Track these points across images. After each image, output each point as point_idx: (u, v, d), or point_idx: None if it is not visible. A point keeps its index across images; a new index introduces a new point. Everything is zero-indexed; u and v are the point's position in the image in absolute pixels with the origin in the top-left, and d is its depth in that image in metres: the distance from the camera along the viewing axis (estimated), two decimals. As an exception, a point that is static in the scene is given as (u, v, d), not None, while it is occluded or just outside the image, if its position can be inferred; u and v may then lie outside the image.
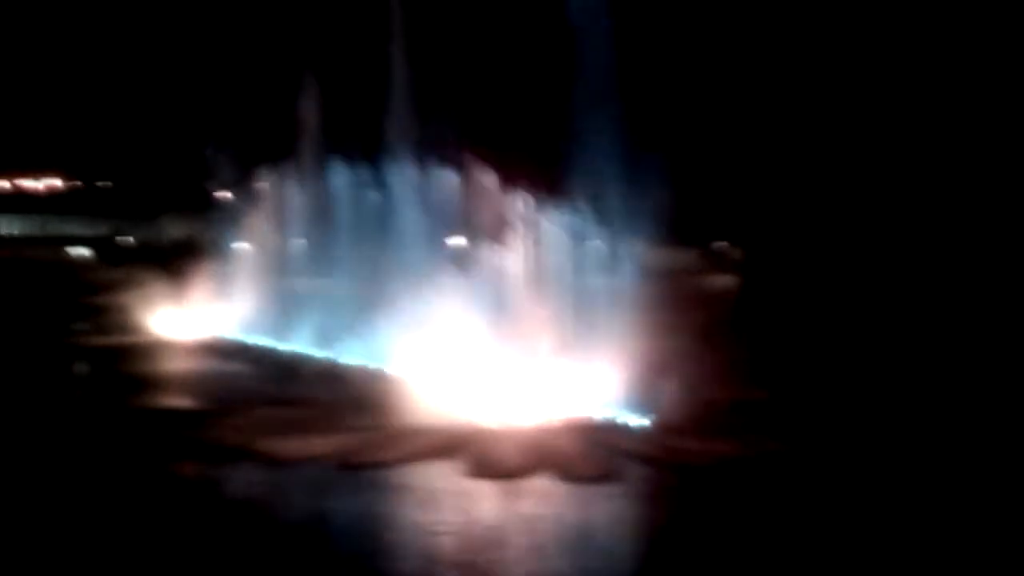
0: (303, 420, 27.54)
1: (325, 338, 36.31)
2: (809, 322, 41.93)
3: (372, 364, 32.76)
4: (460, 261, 33.22)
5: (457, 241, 36.37)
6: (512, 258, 35.57)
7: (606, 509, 21.64)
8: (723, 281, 55.88)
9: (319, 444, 25.33)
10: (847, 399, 28.87)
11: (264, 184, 47.94)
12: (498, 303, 30.82)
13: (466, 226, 34.97)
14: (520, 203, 34.71)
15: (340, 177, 40.31)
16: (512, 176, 35.67)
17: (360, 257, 37.79)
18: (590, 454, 24.57)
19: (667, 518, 21.27)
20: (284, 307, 40.38)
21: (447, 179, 36.26)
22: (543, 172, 37.81)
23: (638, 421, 26.65)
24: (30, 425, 27.87)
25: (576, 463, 23.81)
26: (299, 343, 37.60)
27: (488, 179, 35.71)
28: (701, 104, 55.75)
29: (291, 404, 29.52)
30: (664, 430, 26.10)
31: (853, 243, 48.48)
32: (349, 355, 34.18)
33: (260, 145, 50.23)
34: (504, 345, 29.70)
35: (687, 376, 27.65)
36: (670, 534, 20.25)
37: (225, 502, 22.10)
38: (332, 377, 32.71)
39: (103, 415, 29.47)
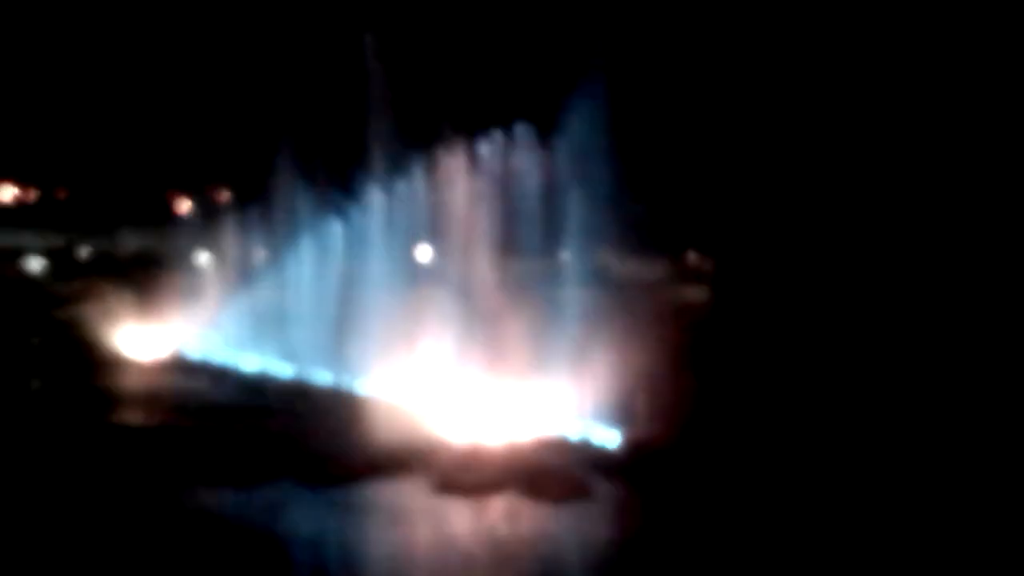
0: (264, 437, 26.72)
1: (291, 355, 35.53)
2: (784, 338, 41.59)
3: (338, 381, 31.99)
4: (429, 275, 32.56)
5: (425, 254, 35.68)
6: (480, 272, 35.06)
7: (573, 527, 21.33)
8: (695, 293, 55.67)
9: (280, 461, 24.54)
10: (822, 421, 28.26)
11: (228, 195, 47.26)
12: (467, 318, 30.21)
13: (434, 238, 34.25)
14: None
15: (307, 192, 39.43)
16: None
17: (327, 271, 37.12)
18: (560, 471, 24.12)
19: (636, 536, 21.00)
20: (248, 322, 39.55)
21: (414, 191, 35.54)
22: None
23: (609, 438, 26.03)
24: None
25: (545, 480, 23.36)
26: (264, 360, 36.76)
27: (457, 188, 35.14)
28: (672, 108, 55.52)
29: (252, 421, 28.70)
30: (635, 448, 25.54)
31: (833, 251, 48.19)
32: (315, 372, 33.41)
33: (224, 155, 49.46)
34: (473, 360, 29.07)
35: (658, 394, 27.08)
36: (637, 552, 20.00)
37: (182, 520, 21.34)
38: (296, 394, 31.96)
39: (56, 431, 28.48)
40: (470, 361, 28.91)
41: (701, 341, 42.46)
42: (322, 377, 32.74)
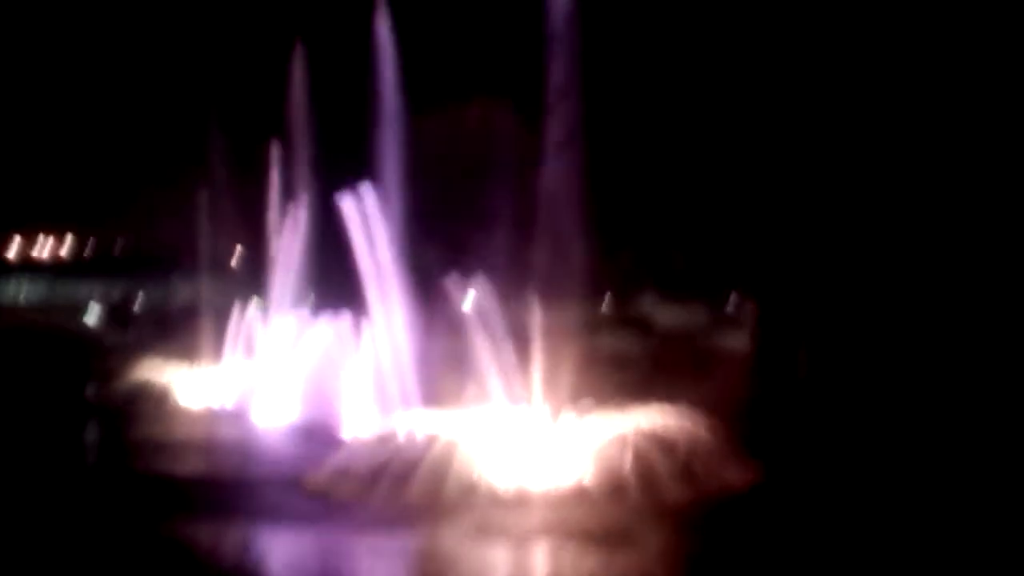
0: (306, 483, 27.23)
1: (336, 406, 36.01)
2: (831, 385, 41.49)
3: (380, 426, 32.45)
4: (475, 320, 32.98)
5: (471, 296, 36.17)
6: (529, 315, 35.48)
7: (617, 573, 21.27)
8: (736, 339, 55.63)
9: (319, 507, 24.98)
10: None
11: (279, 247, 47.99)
12: (511, 363, 30.59)
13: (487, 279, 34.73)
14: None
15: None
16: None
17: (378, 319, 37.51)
18: (608, 517, 24.24)
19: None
20: (295, 373, 40.13)
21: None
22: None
23: (650, 481, 26.22)
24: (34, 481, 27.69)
25: (591, 525, 23.50)
26: (308, 409, 37.36)
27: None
28: (706, 150, 55.82)
29: (298, 469, 29.20)
30: (687, 495, 25.65)
31: (880, 292, 48.00)
32: (369, 420, 33.84)
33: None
34: (516, 404, 29.43)
35: (697, 445, 27.16)
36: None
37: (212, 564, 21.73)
38: (348, 443, 32.33)
39: (105, 478, 29.22)
40: (518, 404, 29.22)
41: (745, 390, 42.57)
42: (372, 420, 33.15)
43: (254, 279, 50.92)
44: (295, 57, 50.13)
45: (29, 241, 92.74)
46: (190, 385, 44.59)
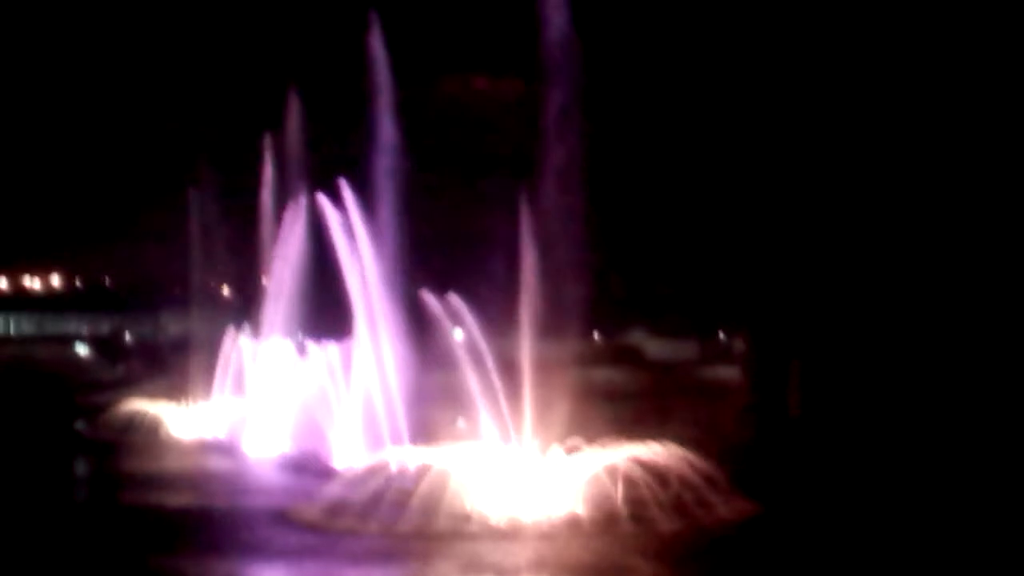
0: (297, 516, 27.21)
1: (327, 438, 36.01)
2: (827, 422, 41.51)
3: (372, 459, 32.45)
4: (466, 353, 33.02)
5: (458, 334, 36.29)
6: (519, 350, 35.55)
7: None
8: (726, 373, 55.74)
9: (316, 540, 24.92)
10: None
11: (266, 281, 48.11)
12: (502, 395, 30.64)
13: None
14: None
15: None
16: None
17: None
18: (598, 551, 24.24)
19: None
20: (286, 404, 40.11)
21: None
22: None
23: (639, 516, 26.25)
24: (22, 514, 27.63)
25: (582, 558, 23.50)
26: (299, 442, 37.31)
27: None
28: (699, 184, 56.08)
29: (289, 502, 29.18)
30: (679, 530, 25.68)
31: (870, 327, 48.10)
32: (354, 452, 33.86)
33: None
34: (504, 437, 29.46)
35: (688, 479, 27.20)
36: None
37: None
38: (340, 475, 32.31)
39: (94, 511, 29.22)
40: (508, 436, 29.26)
41: (739, 423, 42.60)
42: (364, 452, 33.14)
43: (245, 310, 50.97)
44: (289, 102, 50.71)
45: (19, 275, 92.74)
46: (181, 417, 44.58)
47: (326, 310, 40.95)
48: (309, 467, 34.18)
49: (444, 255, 42.13)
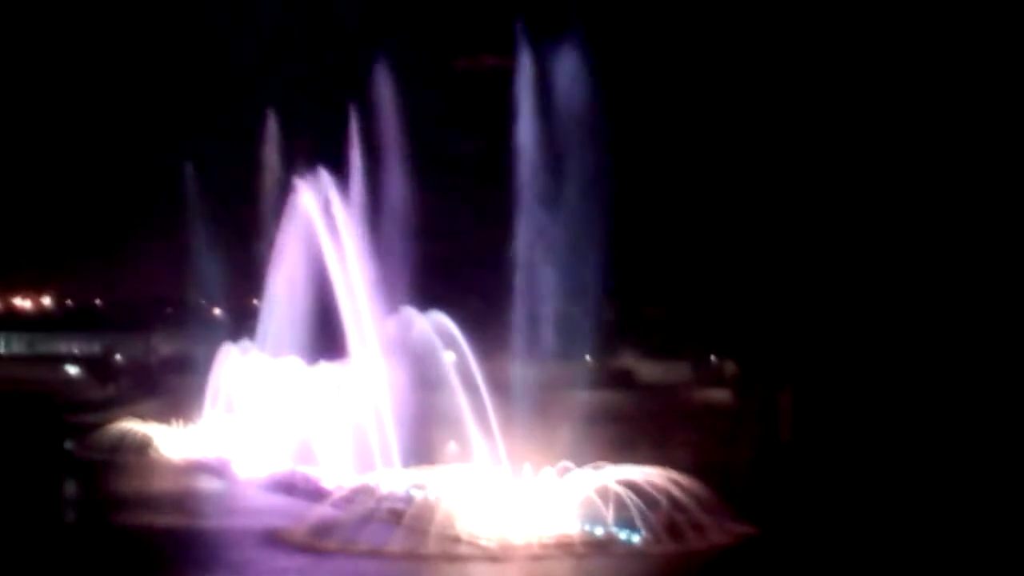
0: (287, 537, 27.13)
1: (322, 457, 35.88)
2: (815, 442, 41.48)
3: (362, 480, 32.36)
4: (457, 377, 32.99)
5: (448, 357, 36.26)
6: (506, 372, 35.55)
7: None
8: (717, 396, 55.72)
9: (304, 561, 24.85)
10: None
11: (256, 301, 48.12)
12: (488, 417, 30.62)
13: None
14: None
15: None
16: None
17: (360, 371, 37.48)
18: (585, 573, 24.18)
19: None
20: (276, 425, 39.98)
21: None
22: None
23: (630, 539, 26.20)
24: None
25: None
26: (290, 462, 37.15)
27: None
28: (693, 210, 56.19)
29: (280, 522, 29.06)
30: (657, 548, 25.66)
31: (859, 352, 48.13)
32: (344, 473, 33.71)
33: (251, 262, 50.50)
34: (496, 459, 29.42)
35: (680, 500, 27.15)
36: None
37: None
38: (329, 495, 32.19)
39: (82, 532, 29.05)
40: (503, 459, 29.24)
41: (730, 446, 42.54)
42: (351, 477, 32.99)
43: (236, 329, 50.86)
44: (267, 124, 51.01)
45: (11, 295, 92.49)
46: (171, 437, 44.42)
47: (322, 329, 40.94)
48: (299, 487, 34.05)
49: (434, 273, 42.11)
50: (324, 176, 39.51)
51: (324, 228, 39.18)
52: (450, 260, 53.03)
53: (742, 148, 55.23)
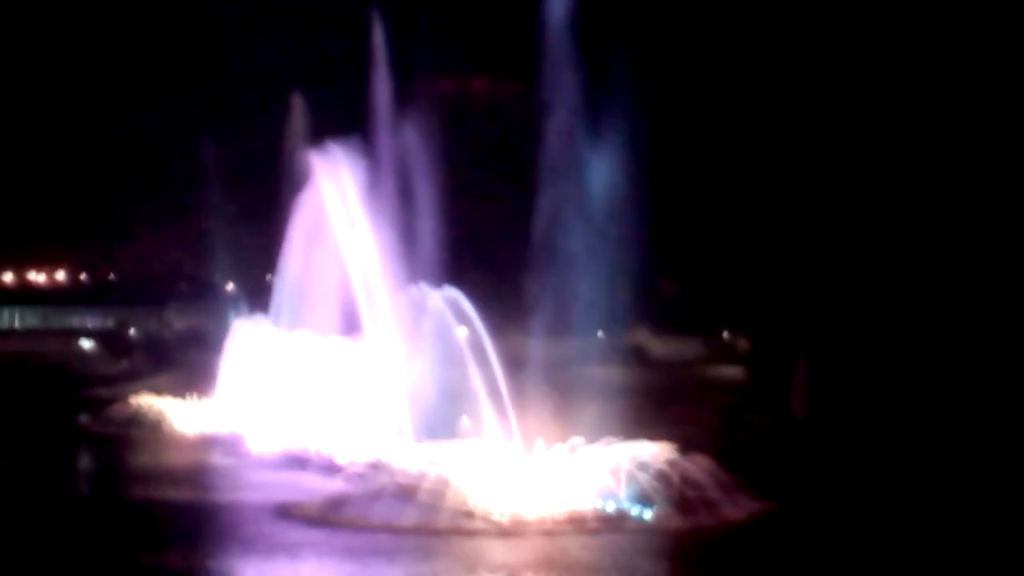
0: (300, 511, 27.21)
1: (335, 432, 35.95)
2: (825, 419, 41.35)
3: (375, 454, 32.47)
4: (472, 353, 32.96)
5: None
6: (519, 348, 35.52)
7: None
8: (730, 372, 55.62)
9: (317, 535, 24.94)
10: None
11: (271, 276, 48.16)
12: (499, 392, 30.63)
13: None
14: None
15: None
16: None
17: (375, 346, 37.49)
18: (597, 549, 24.18)
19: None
20: (290, 400, 40.08)
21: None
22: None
23: (643, 514, 26.21)
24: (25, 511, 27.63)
25: (583, 558, 23.45)
26: (302, 436, 37.24)
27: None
28: (705, 185, 56.07)
29: (293, 496, 29.16)
30: (669, 524, 25.65)
31: (869, 330, 47.97)
32: (356, 450, 33.79)
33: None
34: (508, 434, 29.45)
35: (691, 474, 27.13)
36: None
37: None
38: (343, 470, 32.29)
39: (96, 505, 29.24)
40: (515, 434, 29.26)
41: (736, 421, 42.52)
42: (368, 452, 33.07)
43: (250, 304, 50.99)
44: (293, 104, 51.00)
45: (25, 269, 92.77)
46: (185, 411, 44.56)
47: (334, 306, 40.98)
48: (312, 462, 34.16)
49: (450, 251, 42.13)
50: (339, 150, 39.45)
51: (337, 202, 39.15)
52: (474, 236, 53.16)
53: (754, 121, 54.99)
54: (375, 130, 43.23)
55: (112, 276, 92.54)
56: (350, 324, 39.39)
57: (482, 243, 56.25)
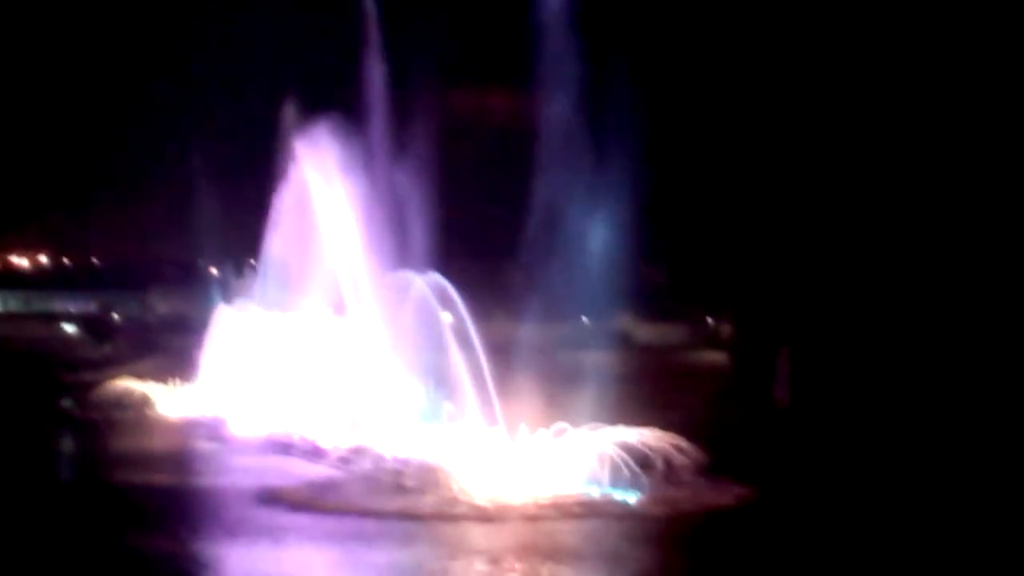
0: (284, 496, 27.20)
1: (318, 417, 35.90)
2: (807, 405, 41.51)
3: (359, 439, 32.44)
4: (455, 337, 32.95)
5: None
6: (504, 334, 35.48)
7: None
8: (714, 357, 55.78)
9: (301, 520, 24.94)
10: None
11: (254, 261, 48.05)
12: (485, 377, 30.60)
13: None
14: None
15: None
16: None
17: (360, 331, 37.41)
18: (581, 534, 24.21)
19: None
20: (273, 384, 40.01)
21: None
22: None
23: (627, 499, 26.25)
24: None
25: (567, 543, 23.46)
26: (285, 421, 37.17)
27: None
28: (691, 173, 56.13)
29: (277, 481, 29.11)
30: (653, 509, 25.70)
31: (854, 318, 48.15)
32: (340, 434, 33.74)
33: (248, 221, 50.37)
34: (491, 420, 29.45)
35: (676, 459, 27.19)
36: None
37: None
38: (327, 455, 32.26)
39: (78, 490, 29.15)
40: (499, 419, 29.26)
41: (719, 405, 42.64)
42: (345, 439, 33.04)
43: (234, 288, 50.86)
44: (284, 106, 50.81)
45: (7, 252, 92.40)
46: (168, 396, 44.46)
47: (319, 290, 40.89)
48: (296, 447, 34.11)
49: (437, 237, 42.10)
50: (323, 133, 39.29)
51: (319, 185, 39.03)
52: (461, 222, 53.05)
53: (739, 111, 55.03)
54: (365, 115, 43.04)
55: (95, 260, 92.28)
56: (335, 310, 39.32)
57: (469, 229, 56.18)
